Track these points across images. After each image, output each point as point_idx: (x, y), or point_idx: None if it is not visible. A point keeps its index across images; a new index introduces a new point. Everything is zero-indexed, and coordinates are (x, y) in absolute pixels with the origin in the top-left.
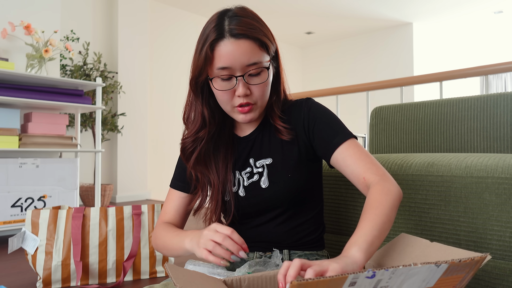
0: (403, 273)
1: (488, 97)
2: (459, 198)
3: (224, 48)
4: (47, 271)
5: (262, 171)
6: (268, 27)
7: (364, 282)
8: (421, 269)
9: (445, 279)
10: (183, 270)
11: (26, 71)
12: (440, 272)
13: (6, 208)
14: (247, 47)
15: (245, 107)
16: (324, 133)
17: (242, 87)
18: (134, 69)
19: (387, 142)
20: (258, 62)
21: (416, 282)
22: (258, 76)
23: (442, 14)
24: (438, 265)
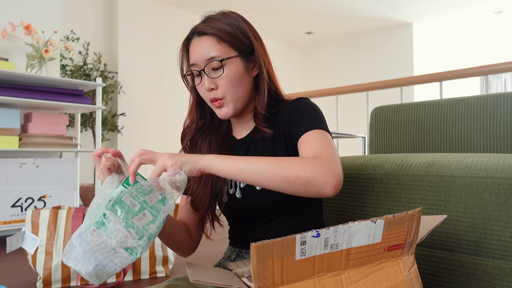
0: (345, 230)
1: (488, 97)
2: (459, 198)
3: (192, 46)
4: (47, 271)
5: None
6: (248, 26)
7: (313, 240)
8: (360, 226)
9: (389, 233)
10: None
11: (26, 71)
12: (380, 227)
13: (6, 208)
14: (205, 42)
15: (216, 102)
16: (298, 120)
17: (206, 81)
18: (134, 69)
19: (387, 142)
20: (216, 56)
21: (363, 238)
22: (219, 70)
23: (442, 14)
24: (374, 221)
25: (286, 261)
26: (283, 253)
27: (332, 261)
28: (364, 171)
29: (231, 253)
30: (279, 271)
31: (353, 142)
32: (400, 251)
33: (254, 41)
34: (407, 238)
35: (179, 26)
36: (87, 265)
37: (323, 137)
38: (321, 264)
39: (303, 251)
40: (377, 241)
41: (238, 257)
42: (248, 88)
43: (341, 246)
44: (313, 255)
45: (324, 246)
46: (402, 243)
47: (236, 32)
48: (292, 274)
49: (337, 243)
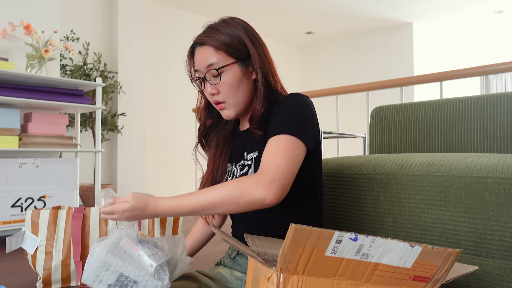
0: (381, 244)
1: (488, 97)
2: (459, 198)
3: (196, 54)
4: (47, 271)
5: (251, 163)
6: (246, 33)
7: (348, 242)
8: (397, 245)
9: (421, 263)
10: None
11: (26, 71)
12: (415, 254)
13: (6, 208)
14: (204, 51)
15: (218, 105)
16: (275, 121)
17: (207, 87)
18: (134, 69)
19: (387, 142)
20: (214, 63)
21: (394, 258)
22: (217, 77)
23: (442, 14)
24: (413, 246)
25: (315, 252)
26: (316, 244)
27: (357, 269)
28: (364, 171)
29: (232, 251)
30: (305, 260)
31: (353, 142)
32: (424, 284)
33: (251, 47)
34: (436, 274)
35: (179, 26)
36: None
37: (284, 144)
38: (346, 269)
39: (335, 249)
40: (406, 266)
41: (239, 255)
42: (248, 91)
43: (371, 258)
44: (343, 257)
45: (356, 252)
46: (429, 277)
47: (233, 41)
48: (315, 267)
49: (369, 254)
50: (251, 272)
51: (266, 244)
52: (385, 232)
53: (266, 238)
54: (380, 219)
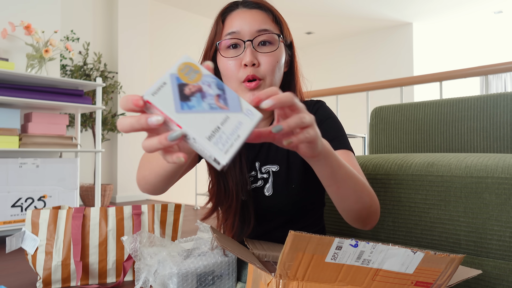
0: (383, 250)
1: (488, 97)
2: (459, 198)
3: (235, 15)
4: (47, 271)
5: (267, 177)
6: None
7: (349, 249)
8: (399, 251)
9: (423, 268)
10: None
11: (26, 71)
12: (417, 259)
13: (6, 208)
14: (259, 15)
15: (252, 82)
16: (332, 132)
17: (249, 54)
18: (134, 69)
19: (387, 142)
20: (269, 29)
21: (396, 263)
22: (268, 46)
23: (442, 14)
24: (415, 252)
25: (315, 259)
26: (316, 250)
27: (358, 275)
28: (364, 171)
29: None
30: (305, 266)
31: (353, 142)
32: None
33: (292, 38)
34: (438, 279)
35: (179, 26)
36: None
37: (355, 160)
38: (346, 274)
39: (336, 255)
40: (408, 271)
41: None
42: (280, 80)
43: (372, 264)
44: (343, 263)
45: (357, 258)
46: (431, 283)
47: (285, 22)
48: (315, 273)
49: (370, 260)
50: (251, 275)
51: (267, 247)
52: (385, 232)
53: (266, 242)
54: (380, 219)
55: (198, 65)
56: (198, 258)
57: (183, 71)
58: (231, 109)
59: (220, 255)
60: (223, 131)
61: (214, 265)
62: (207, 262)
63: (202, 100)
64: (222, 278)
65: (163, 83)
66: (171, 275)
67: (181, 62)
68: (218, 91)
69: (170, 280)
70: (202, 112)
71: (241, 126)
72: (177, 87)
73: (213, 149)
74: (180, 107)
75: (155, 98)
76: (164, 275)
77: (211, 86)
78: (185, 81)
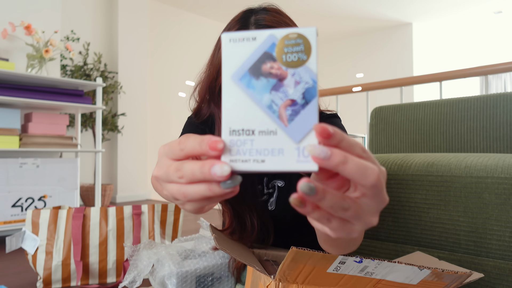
0: (388, 266)
1: (488, 97)
2: (459, 198)
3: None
4: (47, 271)
5: (272, 192)
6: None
7: (353, 264)
8: (405, 268)
9: (428, 282)
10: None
11: (26, 71)
12: (423, 275)
13: (7, 208)
14: None
15: None
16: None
17: None
18: (134, 69)
19: (387, 142)
20: None
21: (400, 276)
22: None
23: (442, 14)
24: (421, 269)
25: (317, 269)
26: (317, 263)
27: (359, 283)
28: None
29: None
30: (305, 274)
31: None
32: None
33: None
34: None
35: (179, 26)
36: None
37: None
38: (348, 281)
39: (338, 268)
40: (412, 283)
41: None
42: None
43: (375, 275)
44: (345, 273)
45: (360, 270)
46: None
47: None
48: (316, 279)
49: (373, 273)
50: (250, 276)
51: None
52: (385, 232)
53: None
54: (380, 219)
55: (314, 50)
56: (198, 258)
57: (288, 42)
58: (289, 129)
59: (220, 257)
60: (253, 141)
61: (214, 267)
62: (207, 264)
63: (270, 91)
64: (221, 280)
65: (253, 37)
66: (171, 275)
67: (297, 31)
68: (299, 98)
69: (169, 280)
70: (254, 101)
71: (276, 156)
72: (260, 53)
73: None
74: (240, 76)
75: (230, 44)
76: (164, 275)
77: (298, 84)
78: (276, 55)
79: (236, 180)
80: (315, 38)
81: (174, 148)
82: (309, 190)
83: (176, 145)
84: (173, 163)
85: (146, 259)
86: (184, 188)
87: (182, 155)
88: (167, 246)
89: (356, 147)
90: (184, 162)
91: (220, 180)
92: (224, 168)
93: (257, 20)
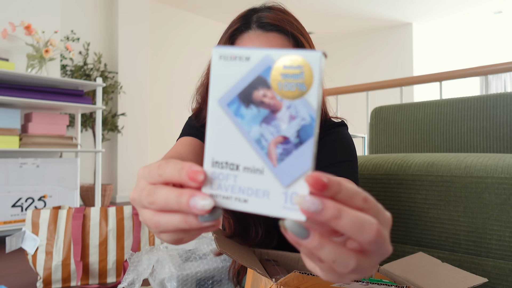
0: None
1: (488, 98)
2: (459, 198)
3: (248, 39)
4: (47, 271)
5: None
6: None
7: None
8: None
9: None
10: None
11: (26, 71)
12: None
13: (7, 208)
14: (278, 41)
15: None
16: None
17: None
18: (135, 69)
19: (387, 142)
20: None
21: None
22: None
23: (442, 14)
24: None
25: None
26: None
27: None
28: (364, 171)
29: None
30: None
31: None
32: None
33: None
34: None
35: (179, 26)
36: None
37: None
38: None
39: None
40: None
41: None
42: None
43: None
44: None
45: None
46: None
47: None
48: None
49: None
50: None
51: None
52: None
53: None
54: None
55: (316, 81)
56: (199, 261)
57: (286, 68)
58: (277, 170)
59: (221, 260)
60: (237, 177)
61: (215, 270)
62: (207, 267)
63: (260, 123)
64: (221, 283)
65: (247, 56)
66: (171, 278)
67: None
68: (293, 136)
69: (169, 282)
70: (241, 133)
71: (260, 198)
72: (253, 77)
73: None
74: (228, 101)
75: (220, 61)
76: (164, 277)
77: (293, 120)
78: (271, 81)
79: (216, 214)
80: (319, 66)
81: (152, 172)
82: (299, 231)
83: (155, 169)
84: (147, 186)
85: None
86: (157, 218)
87: (159, 180)
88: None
89: (356, 198)
90: (157, 187)
91: (199, 214)
92: (206, 202)
93: (259, 18)
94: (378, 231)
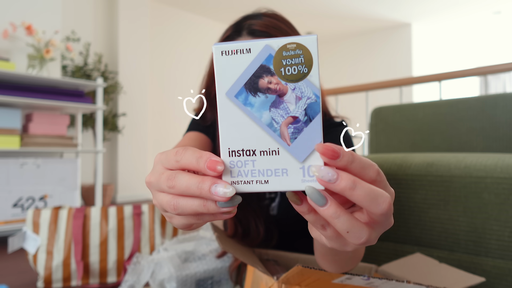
0: (397, 286)
1: (487, 98)
2: (458, 198)
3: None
4: (48, 271)
5: (274, 197)
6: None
7: (358, 280)
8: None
9: None
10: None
11: (27, 72)
12: None
13: (7, 208)
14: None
15: None
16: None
17: None
18: (135, 70)
19: (386, 142)
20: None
21: None
22: None
23: (441, 14)
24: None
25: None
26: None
27: None
28: None
29: None
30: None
31: None
32: None
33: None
34: None
35: (179, 26)
36: None
37: None
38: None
39: (343, 281)
40: None
41: None
42: None
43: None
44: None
45: (366, 284)
46: None
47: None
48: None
49: (378, 286)
50: (251, 275)
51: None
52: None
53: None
54: None
55: (315, 61)
56: (198, 261)
57: (286, 53)
58: (292, 148)
59: (220, 260)
60: (255, 161)
61: (214, 271)
62: (207, 267)
63: (269, 108)
64: (220, 283)
65: (248, 48)
66: (170, 279)
67: (296, 40)
68: (301, 114)
69: (168, 283)
70: (253, 120)
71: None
72: (256, 67)
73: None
74: (235, 92)
75: (222, 57)
76: (163, 278)
77: (300, 100)
78: (274, 68)
79: (236, 201)
80: (316, 48)
81: (170, 157)
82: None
83: (173, 155)
84: (165, 171)
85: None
86: (176, 200)
87: (176, 166)
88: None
89: (370, 170)
90: (178, 172)
91: (219, 200)
92: (227, 190)
93: (249, 25)
94: (390, 205)
